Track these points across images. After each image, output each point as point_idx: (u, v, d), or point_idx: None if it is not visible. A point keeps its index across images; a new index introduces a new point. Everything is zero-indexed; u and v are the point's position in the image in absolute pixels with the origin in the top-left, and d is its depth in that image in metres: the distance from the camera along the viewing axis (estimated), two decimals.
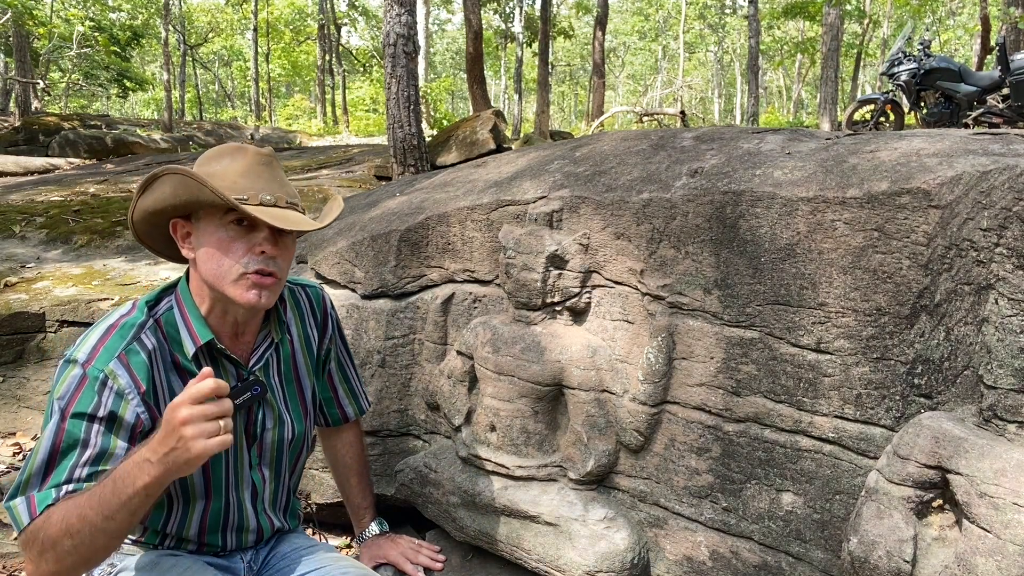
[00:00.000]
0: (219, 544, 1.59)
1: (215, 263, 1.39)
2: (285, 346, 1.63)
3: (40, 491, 1.26)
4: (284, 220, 1.37)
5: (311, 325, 1.70)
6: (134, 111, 38.21)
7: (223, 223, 1.38)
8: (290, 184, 1.47)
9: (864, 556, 1.37)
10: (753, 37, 13.68)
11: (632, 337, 1.84)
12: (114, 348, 1.36)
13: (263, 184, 1.39)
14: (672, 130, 2.22)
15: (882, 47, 25.73)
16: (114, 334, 1.38)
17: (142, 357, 1.38)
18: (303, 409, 1.66)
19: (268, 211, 1.37)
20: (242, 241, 1.38)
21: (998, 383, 1.35)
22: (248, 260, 1.39)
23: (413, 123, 5.12)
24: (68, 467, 1.28)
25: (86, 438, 1.30)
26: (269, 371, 1.59)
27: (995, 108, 7.14)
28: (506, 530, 1.90)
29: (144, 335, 1.40)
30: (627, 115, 19.01)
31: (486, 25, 23.77)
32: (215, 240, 1.39)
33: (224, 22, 29.63)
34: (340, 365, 1.82)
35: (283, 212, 1.39)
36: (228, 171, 1.39)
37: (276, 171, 1.45)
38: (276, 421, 1.59)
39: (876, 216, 1.45)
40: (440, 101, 18.77)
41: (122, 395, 1.34)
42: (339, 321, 1.80)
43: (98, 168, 9.09)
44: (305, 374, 1.68)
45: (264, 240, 1.39)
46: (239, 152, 1.43)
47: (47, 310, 3.69)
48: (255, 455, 1.57)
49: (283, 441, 1.61)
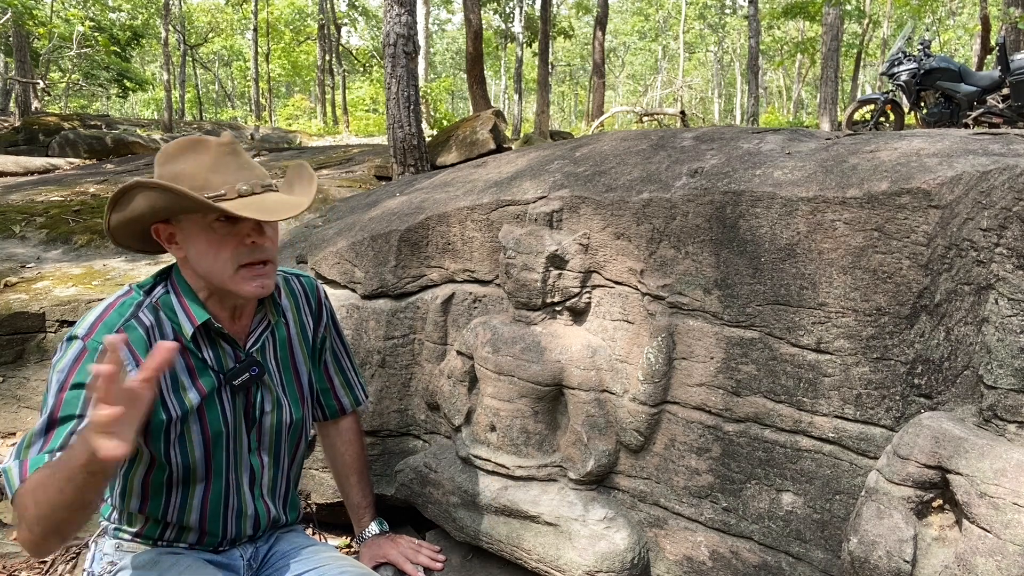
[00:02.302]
0: (219, 532, 1.59)
1: (209, 262, 1.41)
2: (281, 330, 1.64)
3: (34, 456, 1.26)
4: (267, 210, 1.38)
5: (306, 313, 1.72)
6: (134, 111, 38.21)
7: (207, 223, 1.39)
8: (259, 165, 1.47)
9: (864, 556, 1.37)
10: (753, 37, 13.68)
11: (632, 337, 1.84)
12: (112, 323, 1.39)
13: (235, 175, 1.39)
14: (672, 130, 2.22)
15: (882, 47, 25.73)
16: (113, 311, 1.42)
17: (140, 333, 1.41)
18: (300, 395, 1.68)
19: (248, 202, 1.37)
20: (230, 236, 1.40)
21: (998, 383, 1.35)
22: (239, 254, 1.41)
23: (413, 123, 5.12)
24: (64, 434, 1.28)
25: (84, 408, 1.30)
26: (266, 354, 1.60)
27: (995, 108, 7.13)
28: (506, 530, 1.90)
29: (142, 312, 1.43)
30: (627, 115, 19.00)
31: (486, 25, 23.76)
32: (204, 240, 1.40)
33: (224, 22, 29.64)
34: (335, 356, 1.83)
35: (262, 199, 1.40)
36: (198, 170, 1.38)
37: (242, 157, 1.44)
38: (274, 404, 1.60)
39: (876, 216, 1.45)
40: (440, 101, 18.77)
41: None
42: (333, 311, 1.81)
43: (98, 168, 9.09)
44: (301, 360, 1.69)
45: (252, 231, 1.41)
46: (200, 146, 1.41)
47: (47, 310, 3.69)
48: (254, 439, 1.59)
49: (281, 425, 1.62)
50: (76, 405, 1.29)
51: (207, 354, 1.50)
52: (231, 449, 1.55)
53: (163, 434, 1.45)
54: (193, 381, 1.48)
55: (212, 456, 1.51)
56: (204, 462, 1.51)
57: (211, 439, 1.50)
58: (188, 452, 1.48)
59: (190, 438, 1.48)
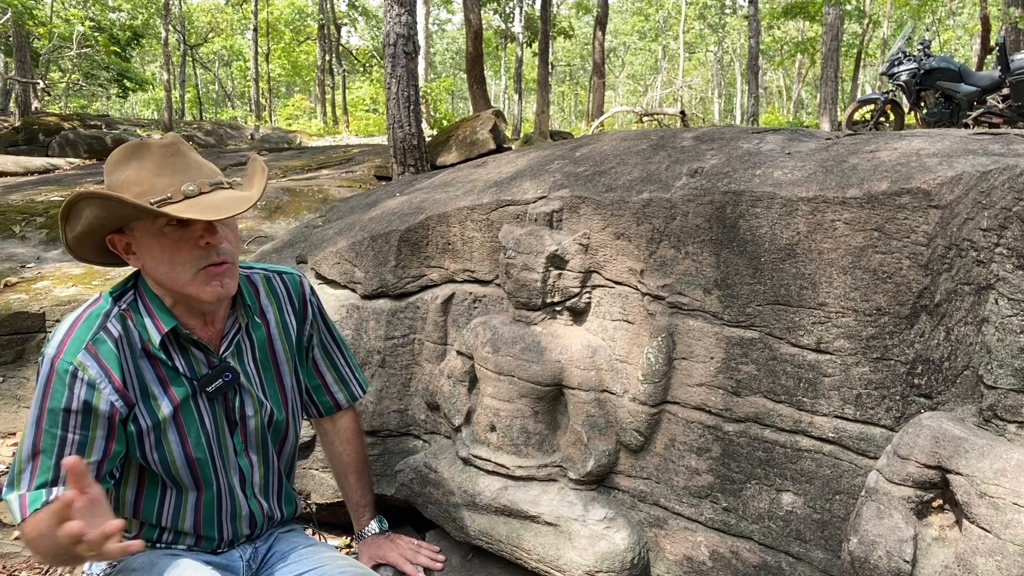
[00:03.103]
0: (215, 536, 1.59)
1: (165, 269, 1.38)
2: (259, 331, 1.61)
3: (31, 490, 1.34)
4: (214, 209, 1.33)
5: (288, 312, 1.68)
6: (134, 111, 38.21)
7: (157, 229, 1.35)
8: (206, 163, 1.43)
9: (864, 556, 1.37)
10: (753, 37, 13.68)
11: (632, 337, 1.84)
12: (81, 339, 1.38)
13: (180, 176, 1.35)
14: (672, 130, 2.22)
15: (882, 47, 25.73)
16: (80, 326, 1.40)
17: (109, 346, 1.40)
18: (282, 396, 1.66)
19: (195, 203, 1.33)
20: (183, 241, 1.36)
21: (998, 383, 1.35)
22: (195, 258, 1.37)
23: (413, 123, 5.12)
24: (51, 466, 1.34)
25: (63, 433, 1.35)
26: (243, 356, 1.58)
27: (995, 108, 7.13)
28: (506, 530, 1.90)
29: (110, 323, 1.42)
30: (627, 115, 19.00)
31: (486, 25, 23.76)
32: (156, 247, 1.36)
33: (224, 22, 29.63)
34: (326, 351, 1.79)
35: (210, 198, 1.35)
36: (141, 175, 1.34)
37: (187, 156, 1.39)
38: (256, 407, 1.59)
39: (876, 216, 1.45)
40: (440, 101, 18.76)
41: (94, 385, 1.36)
42: (321, 306, 1.77)
43: (98, 168, 9.09)
44: (284, 360, 1.66)
45: (204, 232, 1.36)
46: (143, 150, 1.38)
47: (47, 310, 3.69)
48: (239, 441, 1.58)
49: (266, 426, 1.61)
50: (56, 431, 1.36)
51: (178, 362, 1.47)
52: (216, 454, 1.54)
53: (138, 443, 1.45)
54: (164, 390, 1.46)
55: (195, 461, 1.50)
56: (188, 468, 1.50)
57: (191, 445, 1.49)
58: (168, 459, 1.48)
59: (168, 446, 1.47)
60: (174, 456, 1.48)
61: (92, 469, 1.38)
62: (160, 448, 1.46)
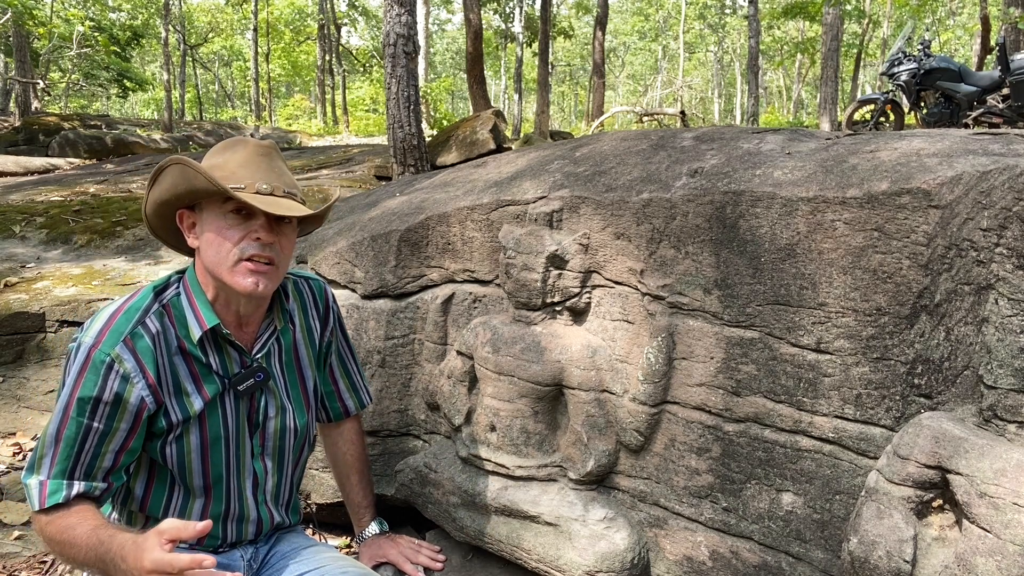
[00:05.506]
0: (219, 535, 1.59)
1: (214, 250, 1.43)
2: (287, 335, 1.64)
3: (51, 478, 1.38)
4: (277, 207, 1.40)
5: (313, 316, 1.72)
6: (134, 111, 38.21)
7: (222, 212, 1.42)
8: (290, 175, 1.51)
9: (864, 556, 1.37)
10: (753, 37, 13.68)
11: (632, 337, 1.84)
12: (119, 332, 1.40)
13: (261, 174, 1.43)
14: (672, 130, 2.22)
15: (882, 47, 25.73)
16: (119, 318, 1.42)
17: (146, 341, 1.42)
18: (305, 400, 1.68)
19: (263, 199, 1.41)
20: (239, 229, 1.42)
21: (998, 383, 1.35)
22: (244, 246, 1.42)
23: (413, 123, 5.12)
24: (73, 453, 1.37)
25: (89, 423, 1.37)
26: (271, 359, 1.60)
27: (995, 108, 7.14)
28: (506, 530, 1.90)
29: (149, 319, 1.44)
30: (627, 115, 19.01)
31: (486, 25, 23.76)
32: (215, 228, 1.42)
33: (224, 22, 29.63)
34: (341, 358, 1.83)
35: (278, 200, 1.43)
36: (228, 162, 1.44)
37: (275, 162, 1.48)
38: (278, 410, 1.60)
39: (876, 216, 1.45)
40: (440, 101, 18.76)
41: (128, 379, 1.39)
42: (340, 314, 1.82)
43: (98, 168, 9.09)
44: (307, 364, 1.69)
45: (260, 227, 1.42)
46: (240, 144, 1.49)
47: (47, 310, 3.69)
48: (257, 444, 1.59)
49: (286, 430, 1.62)
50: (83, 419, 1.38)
51: (212, 359, 1.50)
52: (231, 454, 1.54)
53: (159, 438, 1.46)
54: (197, 387, 1.48)
55: (210, 460, 1.51)
56: (202, 465, 1.51)
57: (209, 443, 1.50)
58: (184, 454, 1.48)
59: (188, 441, 1.48)
60: (191, 448, 1.49)
61: (110, 459, 1.41)
62: (180, 442, 1.48)
